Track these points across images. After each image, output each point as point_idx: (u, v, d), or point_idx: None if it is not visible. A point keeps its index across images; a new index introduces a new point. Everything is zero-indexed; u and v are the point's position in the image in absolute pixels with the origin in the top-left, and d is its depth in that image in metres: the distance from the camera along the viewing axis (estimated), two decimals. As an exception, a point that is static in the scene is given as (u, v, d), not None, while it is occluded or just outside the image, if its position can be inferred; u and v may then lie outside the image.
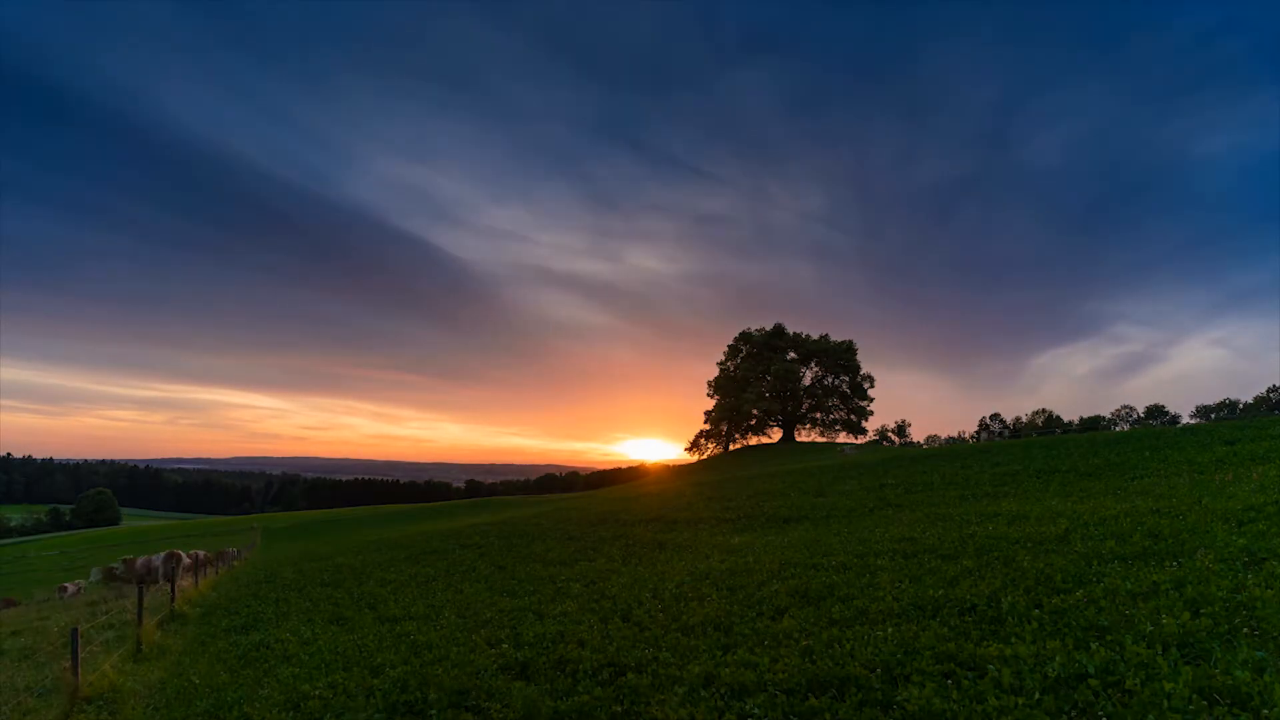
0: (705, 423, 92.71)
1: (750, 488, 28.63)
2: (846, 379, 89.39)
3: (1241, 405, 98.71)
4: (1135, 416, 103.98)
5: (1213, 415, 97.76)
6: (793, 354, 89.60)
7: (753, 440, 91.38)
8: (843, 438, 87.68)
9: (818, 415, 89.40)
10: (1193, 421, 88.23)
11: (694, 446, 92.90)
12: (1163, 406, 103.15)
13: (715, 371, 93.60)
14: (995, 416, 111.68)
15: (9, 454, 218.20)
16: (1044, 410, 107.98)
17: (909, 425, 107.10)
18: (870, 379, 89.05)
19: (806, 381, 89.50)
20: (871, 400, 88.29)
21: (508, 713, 6.37)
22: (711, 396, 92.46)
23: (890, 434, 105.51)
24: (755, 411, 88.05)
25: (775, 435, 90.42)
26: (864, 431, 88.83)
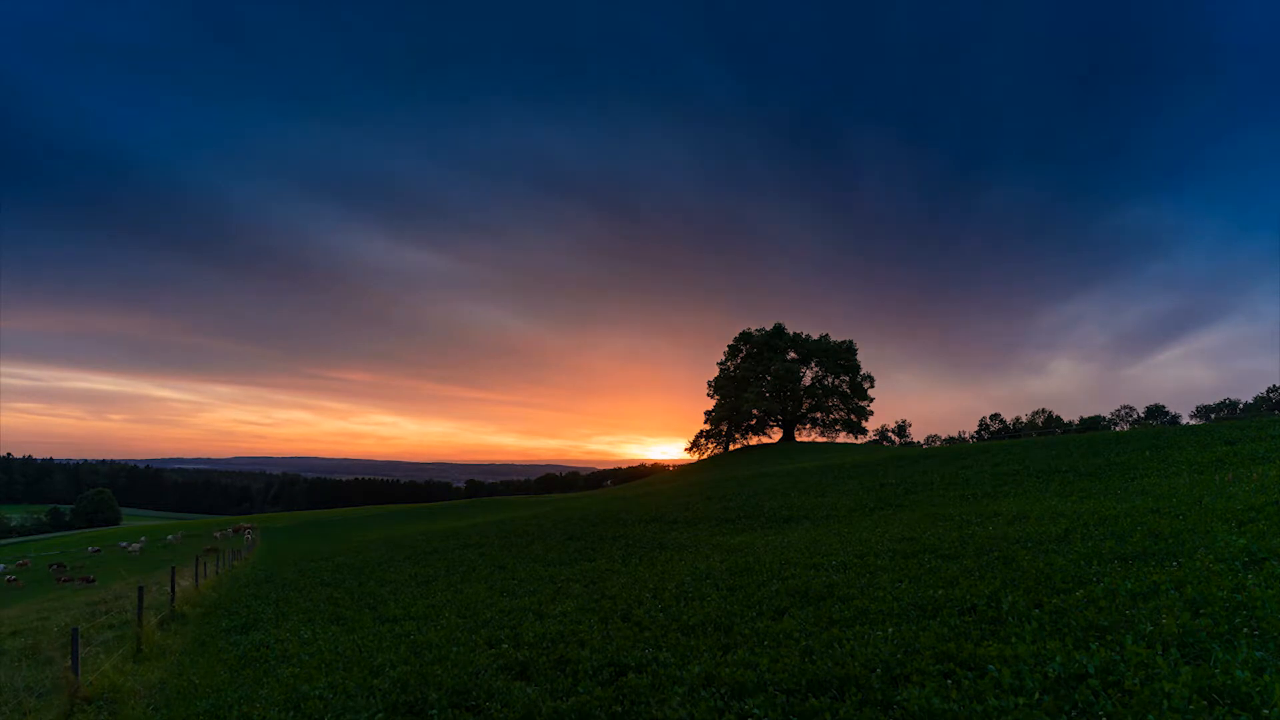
0: (705, 422, 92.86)
1: (750, 488, 28.62)
2: (846, 379, 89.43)
3: (1241, 405, 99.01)
4: (1135, 416, 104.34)
5: (1213, 415, 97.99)
6: (793, 354, 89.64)
7: (753, 440, 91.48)
8: (843, 438, 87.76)
9: (818, 415, 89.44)
10: (1193, 421, 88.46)
11: (694, 446, 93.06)
12: (1163, 406, 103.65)
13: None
14: (995, 416, 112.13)
15: (9, 454, 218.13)
16: (1044, 410, 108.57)
17: (909, 425, 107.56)
18: (870, 379, 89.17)
19: (806, 381, 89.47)
20: (871, 400, 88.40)
21: (508, 713, 6.37)
22: (711, 396, 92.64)
23: (890, 434, 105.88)
24: (755, 411, 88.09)
25: (775, 435, 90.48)
26: (864, 431, 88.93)
